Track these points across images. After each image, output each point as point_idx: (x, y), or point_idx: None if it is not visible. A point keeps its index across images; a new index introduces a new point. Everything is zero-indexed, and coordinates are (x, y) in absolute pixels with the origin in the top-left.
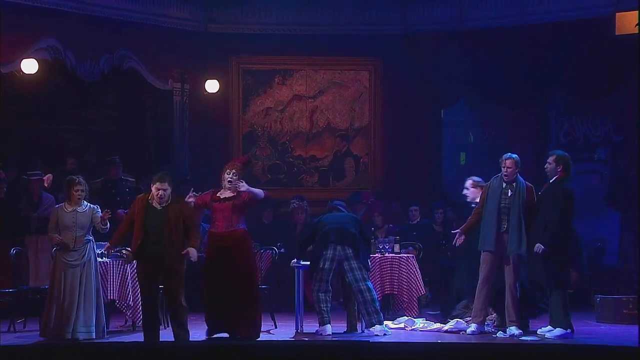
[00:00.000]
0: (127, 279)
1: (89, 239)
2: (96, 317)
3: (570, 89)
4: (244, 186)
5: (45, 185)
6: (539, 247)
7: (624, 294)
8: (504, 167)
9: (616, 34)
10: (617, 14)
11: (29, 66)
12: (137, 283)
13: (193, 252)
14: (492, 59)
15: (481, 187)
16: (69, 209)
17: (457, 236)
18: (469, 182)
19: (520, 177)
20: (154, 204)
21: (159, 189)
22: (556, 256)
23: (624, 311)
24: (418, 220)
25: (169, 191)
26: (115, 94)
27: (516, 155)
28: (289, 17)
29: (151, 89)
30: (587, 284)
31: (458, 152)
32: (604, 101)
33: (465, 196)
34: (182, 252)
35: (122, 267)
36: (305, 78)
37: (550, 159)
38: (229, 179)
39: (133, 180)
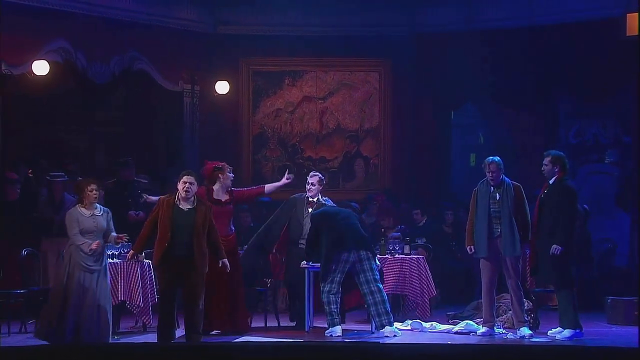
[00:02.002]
0: (137, 280)
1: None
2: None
3: (580, 90)
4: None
5: None
6: (556, 248)
7: (635, 295)
8: (489, 172)
9: (627, 34)
10: (628, 14)
11: (40, 68)
12: (148, 284)
13: (227, 264)
14: (501, 60)
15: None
16: (87, 213)
17: (469, 251)
18: (315, 179)
19: (506, 179)
20: (180, 206)
21: (185, 182)
22: (563, 256)
23: (635, 313)
24: (424, 222)
25: (195, 187)
26: (125, 95)
27: (498, 158)
28: (299, 19)
29: (161, 91)
30: (597, 285)
31: (468, 153)
32: (614, 102)
33: (310, 190)
34: (220, 265)
35: (132, 268)
36: (315, 79)
37: (546, 160)
38: (232, 177)
39: (146, 182)
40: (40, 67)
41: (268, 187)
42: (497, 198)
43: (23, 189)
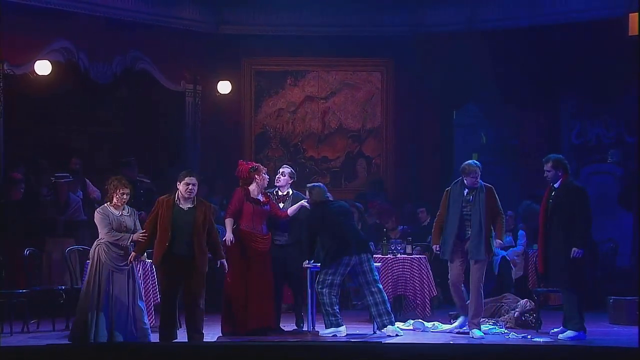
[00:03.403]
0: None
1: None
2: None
3: (582, 90)
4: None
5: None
6: (576, 252)
7: (637, 295)
8: (474, 177)
9: (629, 34)
10: (630, 14)
11: (43, 68)
12: (150, 284)
13: (225, 264)
14: (503, 59)
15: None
16: (116, 213)
17: (435, 250)
18: (287, 170)
19: (480, 181)
20: (180, 205)
21: (188, 184)
22: (581, 258)
23: (637, 312)
24: (428, 221)
25: (196, 187)
26: (127, 95)
27: (479, 162)
28: (301, 18)
29: (163, 91)
30: (600, 285)
31: (470, 153)
32: (616, 102)
33: (279, 180)
34: (218, 266)
35: (135, 268)
36: (317, 79)
37: (548, 166)
38: (267, 178)
39: (148, 182)
40: (43, 67)
41: (290, 210)
42: (471, 200)
43: (26, 188)
